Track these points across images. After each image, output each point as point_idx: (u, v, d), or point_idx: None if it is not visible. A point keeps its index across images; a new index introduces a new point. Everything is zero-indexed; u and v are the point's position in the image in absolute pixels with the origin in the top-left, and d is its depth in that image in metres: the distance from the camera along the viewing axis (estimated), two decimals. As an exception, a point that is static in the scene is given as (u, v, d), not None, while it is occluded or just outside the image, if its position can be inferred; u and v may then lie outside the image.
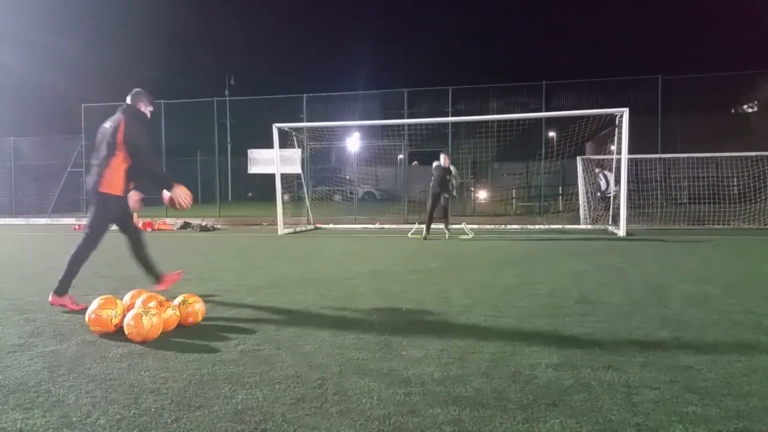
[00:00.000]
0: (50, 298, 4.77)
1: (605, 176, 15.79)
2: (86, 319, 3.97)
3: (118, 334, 3.89)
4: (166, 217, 18.01)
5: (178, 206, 4.93)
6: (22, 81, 36.45)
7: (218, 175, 21.06)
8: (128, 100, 5.02)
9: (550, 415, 2.52)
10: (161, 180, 4.95)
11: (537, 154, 17.80)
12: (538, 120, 17.11)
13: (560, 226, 14.33)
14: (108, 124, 4.90)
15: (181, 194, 4.89)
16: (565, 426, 2.41)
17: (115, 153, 4.76)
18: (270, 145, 14.64)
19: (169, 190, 4.91)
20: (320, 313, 4.60)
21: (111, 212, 4.87)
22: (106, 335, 3.91)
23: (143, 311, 3.80)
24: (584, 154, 17.34)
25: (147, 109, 5.07)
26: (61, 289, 4.78)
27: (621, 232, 12.01)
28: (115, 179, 4.80)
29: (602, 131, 15.59)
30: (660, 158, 15.88)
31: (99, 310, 3.93)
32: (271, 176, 14.85)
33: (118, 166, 4.79)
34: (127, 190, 4.94)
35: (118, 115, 4.89)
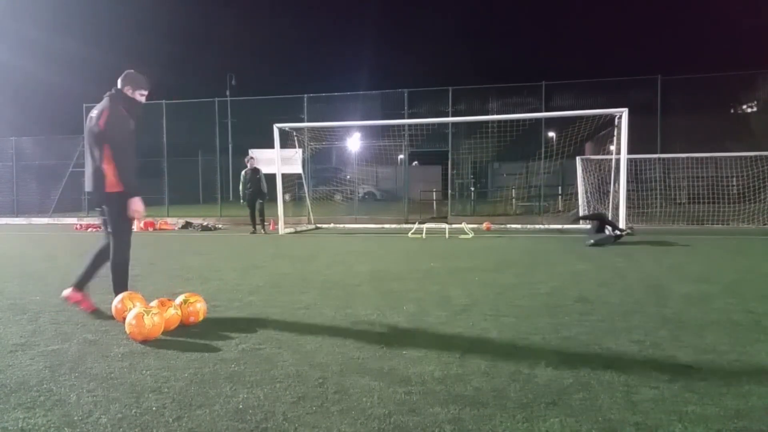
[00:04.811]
0: (66, 292, 4.54)
1: None
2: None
3: (119, 333, 3.91)
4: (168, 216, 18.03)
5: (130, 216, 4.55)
6: (24, 81, 36.47)
7: (219, 175, 21.06)
8: (118, 83, 4.56)
9: (550, 414, 2.53)
10: (127, 186, 4.44)
11: (537, 154, 17.81)
12: (538, 120, 17.11)
13: (560, 226, 14.34)
14: (94, 113, 4.50)
15: (135, 209, 4.47)
16: (565, 425, 2.43)
17: (105, 148, 4.36)
18: (271, 145, 14.65)
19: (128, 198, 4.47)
20: (321, 313, 4.61)
21: (126, 209, 4.50)
22: (106, 335, 3.93)
23: (144, 310, 3.81)
24: (584, 154, 17.33)
25: (139, 94, 4.60)
26: (81, 285, 4.54)
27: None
28: (115, 176, 4.40)
29: (601, 131, 15.59)
30: (659, 158, 15.87)
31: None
32: (272, 176, 14.86)
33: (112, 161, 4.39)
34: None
35: (104, 102, 4.51)
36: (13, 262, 8.33)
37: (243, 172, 14.06)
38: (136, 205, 4.47)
